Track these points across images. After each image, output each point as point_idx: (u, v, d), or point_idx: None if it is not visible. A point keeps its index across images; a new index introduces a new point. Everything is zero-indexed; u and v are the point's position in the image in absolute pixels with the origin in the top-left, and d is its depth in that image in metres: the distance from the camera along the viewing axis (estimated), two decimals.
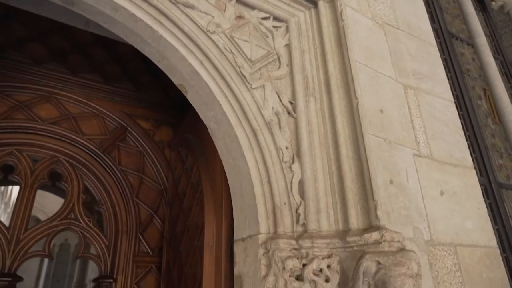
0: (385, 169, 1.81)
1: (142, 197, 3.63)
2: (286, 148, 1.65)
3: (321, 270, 1.39)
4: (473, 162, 2.37)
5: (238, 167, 1.71)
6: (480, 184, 2.35)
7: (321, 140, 1.71)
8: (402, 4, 2.66)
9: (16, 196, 3.18)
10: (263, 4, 1.91)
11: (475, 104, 3.31)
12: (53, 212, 3.36)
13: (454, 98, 2.62)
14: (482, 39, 3.58)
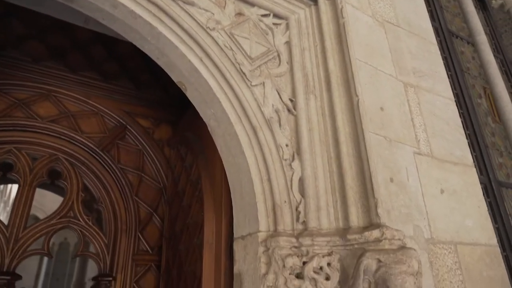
0: (386, 167, 1.81)
1: (142, 196, 3.63)
2: (286, 146, 1.64)
3: (322, 268, 1.38)
4: (473, 161, 2.36)
5: (238, 165, 1.70)
6: (480, 183, 2.34)
7: (321, 138, 1.70)
8: (403, 2, 2.65)
9: (15, 194, 3.17)
10: (263, 1, 1.91)
11: (475, 103, 3.31)
12: (53, 211, 3.35)
13: (454, 97, 2.61)
14: (482, 37, 3.57)
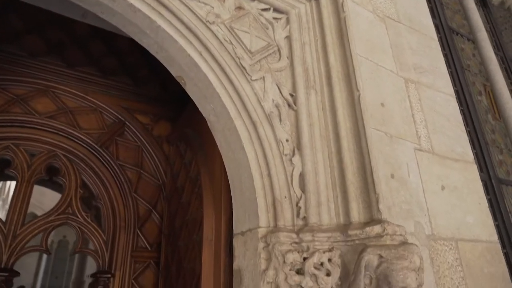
0: (386, 163, 1.80)
1: (141, 192, 3.61)
2: (287, 141, 1.63)
3: (322, 264, 1.37)
4: (473, 158, 2.36)
5: (238, 160, 1.69)
6: (480, 180, 2.33)
7: (322, 133, 1.68)
8: None
9: (13, 191, 3.15)
10: None
11: (475, 100, 3.29)
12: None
13: (455, 94, 2.60)
14: (483, 34, 3.55)
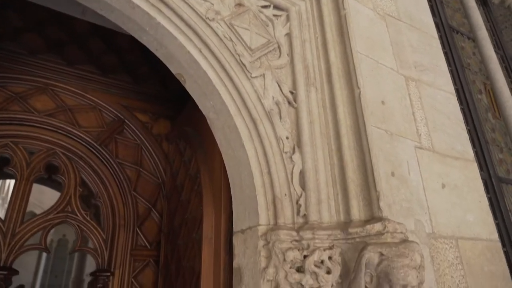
0: (387, 161, 1.79)
1: (140, 191, 3.60)
2: (287, 138, 1.62)
3: (323, 262, 1.36)
4: (474, 156, 2.35)
5: (238, 158, 1.68)
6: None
7: (322, 131, 1.68)
8: None
9: (12, 188, 3.14)
10: None
11: (476, 98, 3.29)
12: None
13: (455, 92, 2.59)
14: (483, 32, 3.54)
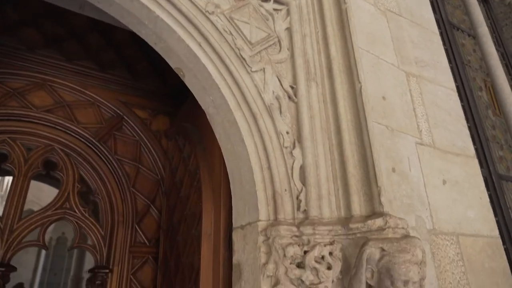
0: (388, 157, 1.78)
1: (139, 187, 3.58)
2: (287, 133, 1.60)
3: (323, 258, 1.35)
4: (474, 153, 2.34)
5: (237, 153, 1.66)
6: None
7: (323, 126, 1.66)
8: None
9: (10, 185, 3.12)
10: None
11: (476, 95, 3.27)
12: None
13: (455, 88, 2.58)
14: (484, 29, 3.53)
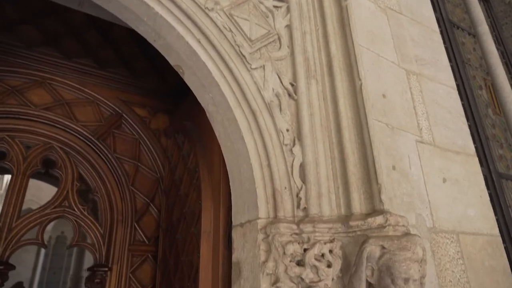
0: (388, 155, 1.77)
1: (138, 186, 3.57)
2: (287, 131, 1.59)
3: (323, 255, 1.34)
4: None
5: (237, 151, 1.66)
6: None
7: (323, 123, 1.65)
8: None
9: (8, 183, 3.10)
10: None
11: (476, 94, 3.27)
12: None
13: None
14: (484, 28, 3.52)
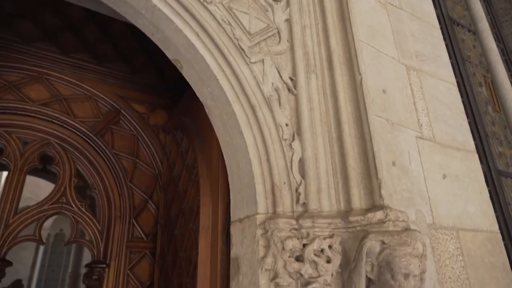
0: (388, 151, 1.76)
1: (136, 182, 3.56)
2: (286, 125, 1.58)
3: (322, 251, 1.32)
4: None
5: (236, 146, 1.64)
6: None
7: (323, 118, 1.64)
8: None
9: (5, 179, 3.08)
10: None
11: (476, 91, 3.26)
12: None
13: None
14: (484, 24, 3.50)
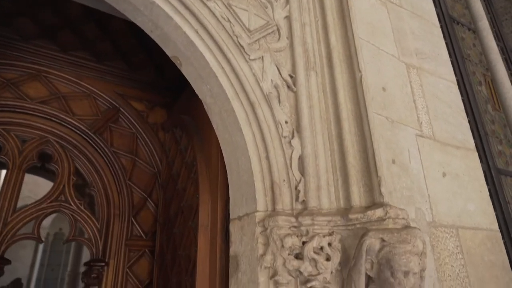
0: (388, 148, 1.75)
1: (135, 180, 3.55)
2: (286, 123, 1.57)
3: (322, 248, 1.32)
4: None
5: (235, 143, 1.63)
6: None
7: (322, 115, 1.63)
8: None
9: (4, 177, 3.07)
10: None
11: (475, 90, 3.25)
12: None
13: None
14: (484, 23, 3.50)
